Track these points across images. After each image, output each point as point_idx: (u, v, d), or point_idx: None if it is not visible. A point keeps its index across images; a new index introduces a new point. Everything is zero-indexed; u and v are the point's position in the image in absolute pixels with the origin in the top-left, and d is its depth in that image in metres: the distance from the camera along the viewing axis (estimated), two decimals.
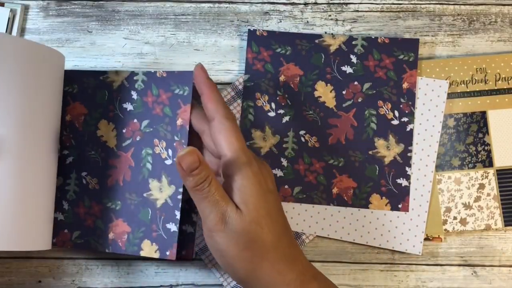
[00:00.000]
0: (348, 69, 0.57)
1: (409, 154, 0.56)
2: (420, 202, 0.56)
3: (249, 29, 0.58)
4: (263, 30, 0.58)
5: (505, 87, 0.57)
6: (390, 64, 0.57)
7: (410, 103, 0.56)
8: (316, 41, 0.57)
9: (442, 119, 0.56)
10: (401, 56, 0.57)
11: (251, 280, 0.46)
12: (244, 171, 0.46)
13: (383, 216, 0.56)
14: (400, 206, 0.55)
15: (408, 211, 0.55)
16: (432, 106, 0.56)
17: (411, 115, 0.56)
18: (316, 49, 0.57)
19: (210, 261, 0.55)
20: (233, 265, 0.46)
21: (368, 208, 0.55)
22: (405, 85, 0.57)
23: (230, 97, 0.57)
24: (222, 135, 0.47)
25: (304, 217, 0.56)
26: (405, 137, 0.56)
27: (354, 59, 0.57)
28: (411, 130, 0.56)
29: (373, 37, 0.57)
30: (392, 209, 0.55)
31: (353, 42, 0.57)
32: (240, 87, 0.57)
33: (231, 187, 0.46)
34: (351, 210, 0.56)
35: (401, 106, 0.56)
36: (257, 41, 0.58)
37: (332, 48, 0.57)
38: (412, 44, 0.57)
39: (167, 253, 0.51)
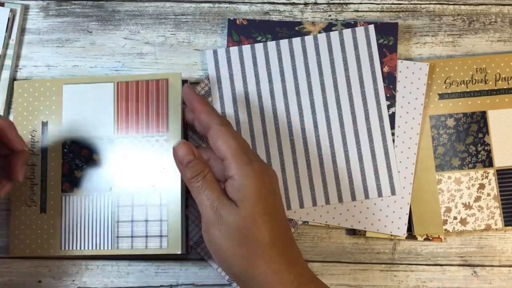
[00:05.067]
0: None
1: (392, 137, 0.56)
2: (403, 184, 0.56)
3: (229, 19, 0.58)
4: (243, 19, 0.58)
5: (505, 87, 0.57)
6: None
7: (391, 86, 0.57)
8: (296, 28, 0.58)
9: (423, 101, 0.56)
10: (381, 41, 0.57)
11: (246, 278, 0.46)
12: (244, 170, 0.46)
13: (368, 199, 0.56)
14: None
15: None
16: (413, 88, 0.57)
17: (393, 98, 0.57)
18: (296, 36, 0.57)
19: (206, 253, 0.55)
20: (227, 260, 0.46)
21: None
22: (385, 69, 0.57)
23: (208, 89, 0.57)
24: (220, 140, 0.47)
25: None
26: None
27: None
28: (393, 113, 0.56)
29: (352, 22, 0.58)
30: None
31: (333, 28, 0.57)
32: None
33: (232, 186, 0.46)
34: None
35: None
36: (237, 30, 0.58)
37: (313, 35, 0.57)
38: (391, 28, 0.57)
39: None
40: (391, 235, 0.56)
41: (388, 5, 0.59)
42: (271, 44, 0.57)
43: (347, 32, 0.57)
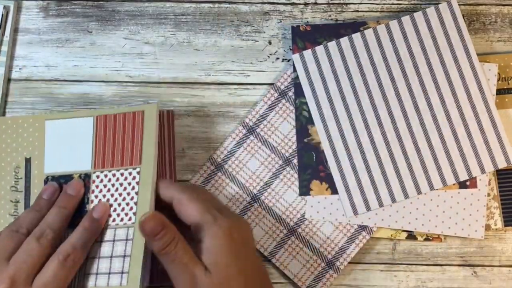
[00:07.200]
0: None
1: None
2: (479, 186, 0.56)
3: (292, 26, 0.58)
4: (306, 25, 0.58)
5: (505, 87, 0.57)
6: None
7: None
8: (361, 28, 0.57)
9: (494, 101, 0.56)
10: None
11: None
12: (210, 229, 0.45)
13: (443, 203, 0.55)
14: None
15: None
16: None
17: None
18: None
19: (282, 263, 0.55)
20: None
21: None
22: None
23: (274, 99, 0.57)
24: (183, 206, 0.47)
25: None
26: None
27: None
28: None
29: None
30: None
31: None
32: (282, 87, 0.57)
33: (200, 249, 0.46)
34: (410, 199, 0.55)
35: None
36: (302, 36, 0.57)
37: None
38: None
39: None
40: (392, 237, 0.56)
41: (388, 5, 0.59)
42: (356, 36, 0.57)
43: (430, 10, 0.57)
